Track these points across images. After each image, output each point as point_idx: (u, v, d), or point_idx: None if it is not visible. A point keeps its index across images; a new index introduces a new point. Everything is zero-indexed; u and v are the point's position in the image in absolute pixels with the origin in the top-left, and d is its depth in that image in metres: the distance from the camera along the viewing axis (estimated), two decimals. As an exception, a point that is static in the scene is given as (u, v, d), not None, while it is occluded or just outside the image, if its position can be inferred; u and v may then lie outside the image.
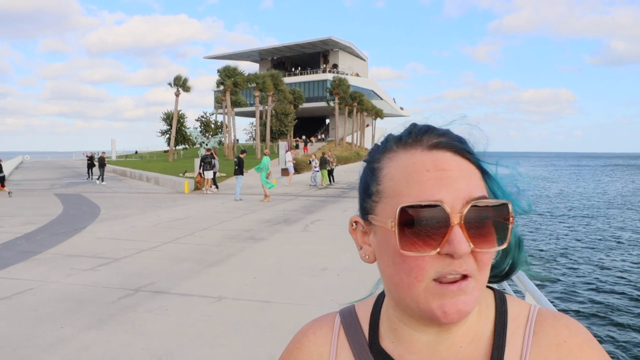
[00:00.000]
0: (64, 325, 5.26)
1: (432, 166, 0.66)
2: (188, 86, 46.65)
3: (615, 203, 29.16)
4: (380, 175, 0.70)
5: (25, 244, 9.72)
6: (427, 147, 0.69)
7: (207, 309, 5.80)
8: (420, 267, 0.64)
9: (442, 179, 0.65)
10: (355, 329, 0.81)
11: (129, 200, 18.41)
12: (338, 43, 76.67)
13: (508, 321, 0.73)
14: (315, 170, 25.36)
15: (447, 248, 0.63)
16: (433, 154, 0.68)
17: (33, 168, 48.29)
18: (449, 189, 0.64)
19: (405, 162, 0.68)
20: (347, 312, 0.85)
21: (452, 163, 0.67)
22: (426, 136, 0.70)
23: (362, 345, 0.78)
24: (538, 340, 0.70)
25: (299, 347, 0.83)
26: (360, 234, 0.75)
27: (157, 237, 10.36)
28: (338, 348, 0.80)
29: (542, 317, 0.73)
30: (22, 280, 7.00)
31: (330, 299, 6.03)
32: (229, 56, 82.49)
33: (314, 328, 0.85)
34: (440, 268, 0.64)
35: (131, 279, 7.04)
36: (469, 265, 0.64)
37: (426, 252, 0.63)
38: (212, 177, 21.30)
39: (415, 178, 0.66)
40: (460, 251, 0.62)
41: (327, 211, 15.01)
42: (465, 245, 0.62)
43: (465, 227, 0.63)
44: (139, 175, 31.46)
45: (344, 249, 8.93)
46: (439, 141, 0.69)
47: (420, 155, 0.68)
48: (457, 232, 0.62)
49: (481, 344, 0.72)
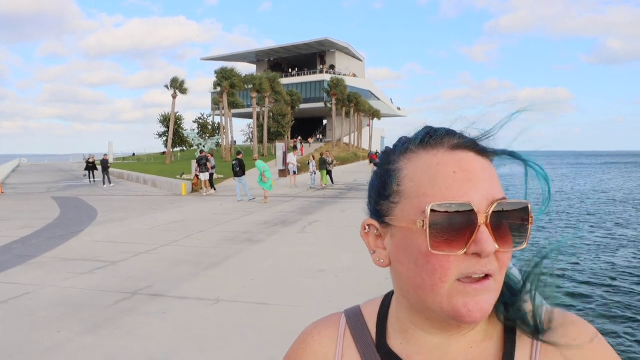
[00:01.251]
0: (61, 329, 5.23)
1: (457, 167, 0.67)
2: (185, 88, 46.57)
3: (618, 200, 29.22)
4: (400, 176, 0.70)
5: (21, 248, 9.68)
6: (450, 148, 0.69)
7: (205, 312, 5.77)
8: (445, 268, 0.64)
9: (468, 180, 0.65)
10: (362, 330, 0.80)
11: (126, 203, 18.37)
12: (335, 44, 76.79)
13: None
14: (313, 172, 25.25)
15: (474, 248, 0.63)
16: (456, 154, 0.68)
17: (30, 171, 48.20)
18: (476, 190, 0.65)
19: (428, 163, 0.68)
20: (353, 312, 0.84)
21: (476, 164, 0.68)
22: (447, 137, 0.70)
23: (369, 346, 0.77)
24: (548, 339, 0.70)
25: (304, 347, 0.82)
26: (373, 237, 0.74)
27: (155, 240, 10.33)
28: (344, 348, 0.79)
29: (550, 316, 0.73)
30: (19, 285, 6.97)
31: (329, 301, 6.01)
32: (226, 58, 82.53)
33: (319, 328, 0.84)
34: (465, 268, 0.64)
35: (128, 283, 7.01)
36: (493, 265, 0.65)
37: (454, 252, 0.64)
38: (208, 179, 21.30)
39: (441, 179, 0.66)
40: (487, 250, 0.63)
41: (325, 212, 14.99)
42: (492, 245, 0.63)
43: (490, 227, 0.64)
44: (136, 178, 31.42)
45: (342, 250, 8.92)
46: (461, 142, 0.70)
47: (443, 156, 0.68)
48: (484, 231, 0.63)
49: (492, 344, 0.72)
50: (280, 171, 29.45)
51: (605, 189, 38.64)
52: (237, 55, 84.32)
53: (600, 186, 42.16)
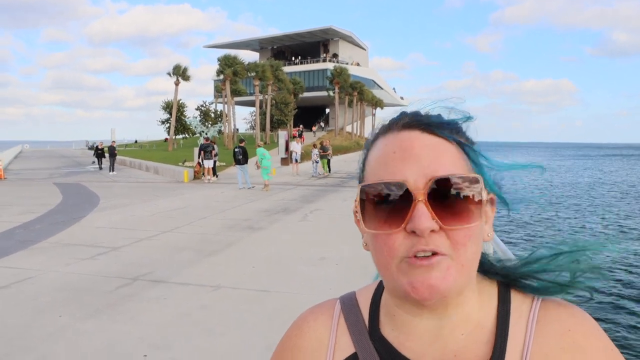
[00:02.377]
0: (63, 314, 5.26)
1: (397, 147, 0.68)
2: (188, 75, 46.46)
3: (623, 192, 29.17)
4: (365, 162, 0.74)
5: (24, 233, 9.72)
6: (398, 129, 0.71)
7: (206, 298, 5.80)
8: (389, 246, 0.65)
9: (405, 158, 0.66)
10: (356, 316, 0.80)
11: (128, 190, 18.40)
12: (338, 32, 76.40)
13: (511, 309, 0.72)
14: (315, 160, 25.17)
15: (410, 225, 0.63)
16: (402, 134, 0.69)
17: (32, 157, 48.26)
18: (412, 167, 0.65)
19: (380, 146, 0.71)
20: (348, 298, 0.84)
21: (417, 142, 0.68)
22: (402, 119, 0.72)
23: (362, 332, 0.77)
24: (541, 329, 0.69)
25: (299, 333, 0.82)
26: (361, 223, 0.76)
27: (156, 227, 10.36)
28: (338, 335, 0.79)
29: (546, 306, 0.72)
30: (21, 270, 7.00)
31: (329, 288, 6.03)
32: (229, 45, 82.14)
33: (315, 314, 0.84)
34: (409, 246, 0.64)
35: (130, 268, 7.04)
36: (440, 244, 0.63)
37: (391, 230, 0.64)
38: (212, 167, 21.31)
39: (383, 159, 0.68)
40: (421, 226, 0.62)
41: (326, 200, 15.01)
42: (427, 221, 0.62)
43: (431, 204, 0.63)
44: (138, 165, 31.44)
45: (342, 239, 8.93)
46: (408, 121, 0.71)
47: (392, 137, 0.70)
48: (419, 208, 0.63)
49: (484, 332, 0.71)
50: (282, 159, 29.43)
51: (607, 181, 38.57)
52: (240, 42, 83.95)
53: (605, 178, 42.08)
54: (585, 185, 33.81)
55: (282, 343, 0.84)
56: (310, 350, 0.79)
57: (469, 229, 0.65)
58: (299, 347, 0.81)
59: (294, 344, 0.82)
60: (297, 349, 0.81)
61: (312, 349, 0.79)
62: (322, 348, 0.79)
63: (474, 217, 0.65)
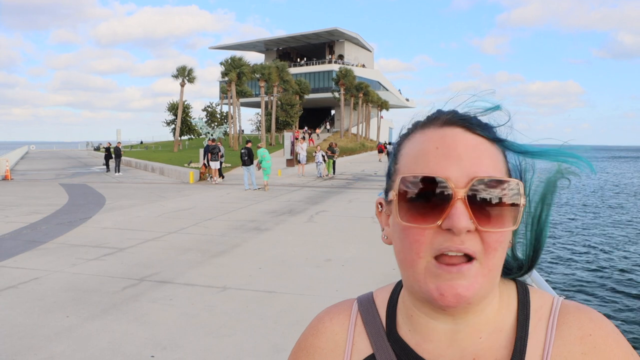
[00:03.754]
0: (69, 314, 5.28)
1: (440, 143, 0.67)
2: (193, 77, 46.52)
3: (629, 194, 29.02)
4: (398, 155, 0.73)
5: (30, 234, 9.75)
6: (440, 125, 0.70)
7: (212, 299, 5.80)
8: (420, 242, 0.64)
9: (448, 155, 0.66)
10: (373, 317, 0.79)
11: (134, 191, 18.45)
12: (344, 34, 76.40)
13: (531, 313, 0.71)
14: (319, 162, 25.10)
15: (447, 222, 0.62)
16: (443, 130, 0.69)
17: (38, 158, 48.49)
18: (454, 165, 0.65)
19: (418, 140, 0.70)
20: (365, 299, 0.83)
21: (460, 139, 0.67)
22: (442, 115, 0.71)
23: (379, 333, 0.76)
24: (561, 333, 0.68)
25: (315, 333, 0.82)
26: (384, 216, 0.76)
27: (162, 227, 10.38)
28: (355, 335, 0.78)
29: (565, 310, 0.71)
30: (28, 270, 7.03)
31: (335, 290, 6.02)
32: (234, 46, 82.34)
33: (331, 314, 0.83)
34: (439, 243, 0.63)
35: (136, 269, 7.05)
36: (473, 244, 0.63)
37: (426, 225, 0.64)
38: (218, 168, 21.38)
39: (424, 154, 0.67)
40: (459, 225, 0.61)
41: (332, 202, 14.99)
42: (466, 221, 0.62)
43: (469, 204, 0.63)
44: (144, 166, 31.53)
45: (348, 240, 8.92)
46: (450, 118, 0.70)
47: (432, 133, 0.69)
48: (458, 206, 0.62)
49: (503, 335, 0.70)
50: (287, 160, 29.44)
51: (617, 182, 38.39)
52: (246, 44, 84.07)
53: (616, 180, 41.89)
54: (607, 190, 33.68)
55: (299, 343, 0.84)
56: (327, 351, 0.79)
57: (502, 234, 0.65)
58: (315, 347, 0.80)
59: (310, 344, 0.81)
60: (314, 349, 0.80)
61: (328, 349, 0.79)
62: (339, 349, 0.78)
63: (509, 222, 0.65)
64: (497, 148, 0.69)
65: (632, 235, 16.20)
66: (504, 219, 0.64)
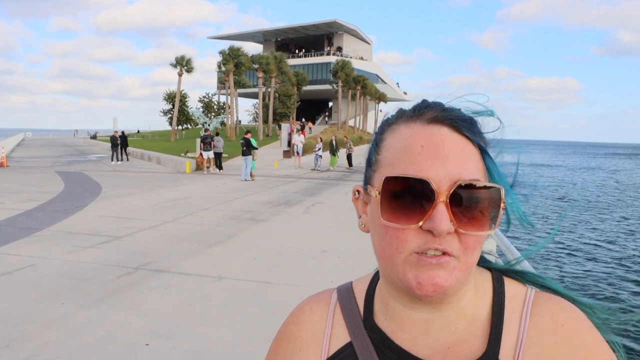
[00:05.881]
0: (65, 302, 5.28)
1: (426, 141, 0.66)
2: (191, 67, 46.20)
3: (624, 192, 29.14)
4: (381, 145, 0.72)
5: (26, 221, 9.73)
6: (426, 121, 0.69)
7: (208, 289, 5.81)
8: (401, 240, 0.65)
9: (433, 156, 0.65)
10: (351, 305, 0.81)
11: (130, 179, 18.41)
12: (343, 26, 76.09)
13: (505, 303, 0.72)
14: (318, 154, 24.96)
15: (428, 224, 0.63)
16: (430, 128, 0.68)
17: (34, 145, 48.28)
18: (439, 167, 0.64)
19: (404, 134, 0.69)
20: (344, 288, 0.85)
21: (447, 140, 0.66)
22: (429, 110, 0.70)
23: (357, 321, 0.78)
24: (535, 323, 0.69)
25: (296, 321, 0.84)
26: (361, 203, 0.76)
27: (158, 216, 10.37)
28: (334, 324, 0.80)
29: (538, 300, 0.72)
30: (24, 257, 7.02)
31: (330, 281, 6.04)
32: (233, 37, 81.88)
33: (311, 304, 0.85)
34: (421, 243, 0.64)
35: (131, 258, 7.06)
36: (452, 245, 0.64)
37: (407, 225, 0.64)
38: (212, 157, 21.40)
39: (408, 151, 0.66)
40: (440, 228, 0.62)
41: (328, 194, 15.01)
42: (447, 224, 0.62)
43: (450, 206, 0.63)
44: (140, 155, 31.43)
45: (344, 232, 8.94)
46: (437, 115, 0.69)
47: (418, 128, 0.68)
48: (440, 209, 0.62)
49: (478, 325, 0.71)
50: (284, 152, 29.39)
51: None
52: (244, 34, 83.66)
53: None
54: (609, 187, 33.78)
55: (280, 332, 0.86)
56: (307, 339, 0.81)
57: (481, 236, 0.66)
58: (295, 335, 0.82)
59: (291, 332, 0.83)
60: (294, 337, 0.82)
61: (308, 337, 0.81)
62: (319, 337, 0.80)
63: (489, 225, 0.66)
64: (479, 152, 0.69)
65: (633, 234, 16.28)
66: (484, 222, 0.65)
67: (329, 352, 0.78)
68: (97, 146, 48.80)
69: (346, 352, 0.76)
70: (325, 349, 0.78)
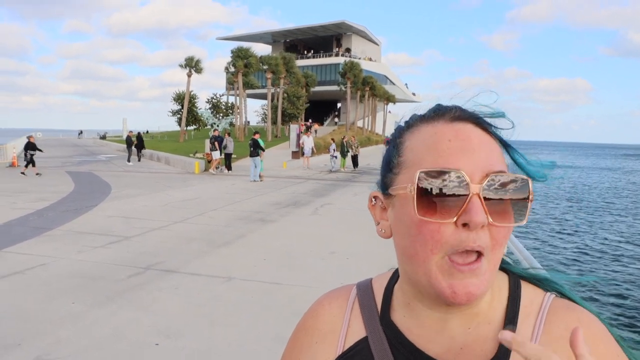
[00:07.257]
0: (75, 300, 5.31)
1: (453, 136, 0.67)
2: (200, 67, 46.29)
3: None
4: (402, 148, 0.72)
5: (37, 220, 9.80)
6: (449, 120, 0.70)
7: (217, 289, 5.82)
8: (436, 239, 0.64)
9: (463, 148, 0.66)
10: (369, 301, 0.82)
11: (139, 180, 18.49)
12: (352, 27, 76.08)
13: (520, 308, 0.72)
14: (333, 155, 24.77)
15: (464, 217, 0.62)
16: (455, 125, 0.69)
17: (44, 146, 48.48)
18: (470, 159, 0.65)
19: (427, 133, 0.70)
20: (364, 285, 0.86)
21: (474, 134, 0.68)
22: (449, 111, 0.71)
23: (373, 317, 0.79)
24: (548, 330, 0.69)
25: (314, 315, 0.85)
26: (379, 209, 0.76)
27: (168, 217, 10.40)
28: (351, 318, 0.81)
29: (555, 307, 0.72)
30: (35, 256, 7.07)
31: (340, 283, 6.00)
32: (242, 38, 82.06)
33: (330, 298, 0.87)
34: (456, 241, 0.63)
35: (141, 258, 7.08)
36: (484, 240, 0.63)
37: (443, 220, 0.63)
38: (218, 158, 21.45)
39: (436, 147, 0.67)
40: (476, 220, 0.61)
41: (337, 195, 15.00)
42: (483, 216, 0.62)
43: (483, 198, 0.63)
44: (149, 155, 31.57)
45: (353, 233, 8.93)
46: (461, 114, 0.70)
47: (442, 126, 0.69)
48: (475, 201, 0.62)
49: (491, 328, 0.71)
50: (293, 153, 29.42)
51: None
52: (253, 35, 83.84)
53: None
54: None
55: (298, 325, 0.88)
56: (324, 332, 0.82)
57: (509, 229, 0.66)
58: (313, 328, 0.84)
59: (309, 325, 0.85)
60: (312, 330, 0.84)
61: (326, 330, 0.82)
62: (335, 330, 0.81)
63: (517, 217, 0.66)
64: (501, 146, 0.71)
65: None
66: (514, 215, 0.65)
67: (345, 346, 0.79)
68: (107, 146, 49.04)
69: (361, 347, 0.77)
70: (341, 343, 0.79)
